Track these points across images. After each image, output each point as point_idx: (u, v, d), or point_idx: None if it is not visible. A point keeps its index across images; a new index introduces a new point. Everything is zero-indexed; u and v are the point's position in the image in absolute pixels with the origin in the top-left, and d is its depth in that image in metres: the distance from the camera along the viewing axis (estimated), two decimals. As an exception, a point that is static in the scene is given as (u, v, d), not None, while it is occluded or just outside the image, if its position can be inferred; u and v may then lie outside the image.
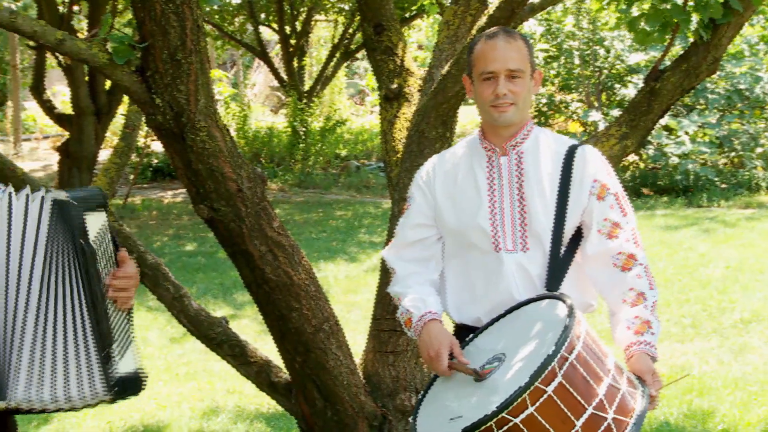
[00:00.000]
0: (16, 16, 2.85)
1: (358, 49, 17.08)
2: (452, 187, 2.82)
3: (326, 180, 15.09)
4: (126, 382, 2.44)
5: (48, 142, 19.46)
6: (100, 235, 2.43)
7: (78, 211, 2.38)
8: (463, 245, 2.81)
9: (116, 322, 2.45)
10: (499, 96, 2.69)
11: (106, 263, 2.44)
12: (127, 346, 2.47)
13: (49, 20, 10.00)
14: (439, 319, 2.76)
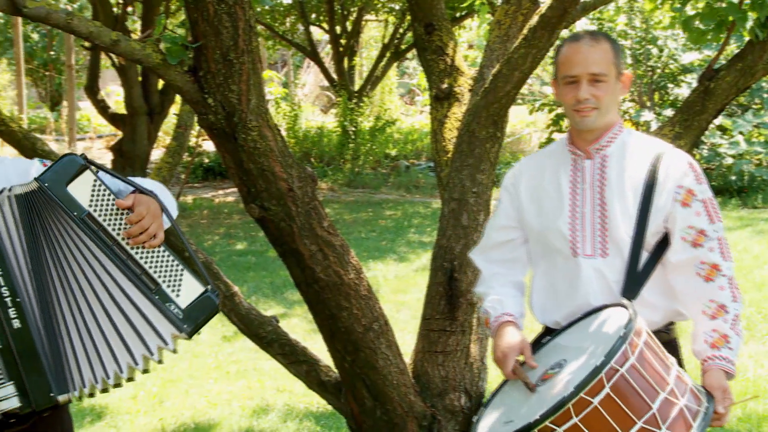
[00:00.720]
0: (72, 17, 2.88)
1: (408, 48, 17.07)
2: (537, 189, 2.82)
3: (376, 180, 15.11)
4: (194, 311, 2.45)
5: (102, 141, 19.70)
6: (93, 195, 2.43)
7: (58, 187, 2.39)
8: (546, 248, 2.82)
9: (153, 263, 2.45)
10: (581, 100, 2.66)
11: (114, 216, 2.43)
12: (179, 279, 2.47)
13: (104, 21, 10.12)
14: (514, 322, 2.77)
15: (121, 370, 2.41)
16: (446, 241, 3.62)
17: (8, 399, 2.30)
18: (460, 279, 3.55)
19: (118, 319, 2.41)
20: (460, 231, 3.60)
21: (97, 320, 2.40)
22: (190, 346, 6.58)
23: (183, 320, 2.43)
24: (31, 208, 2.38)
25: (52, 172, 2.41)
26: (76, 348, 2.38)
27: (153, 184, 2.63)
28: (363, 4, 16.80)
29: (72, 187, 2.40)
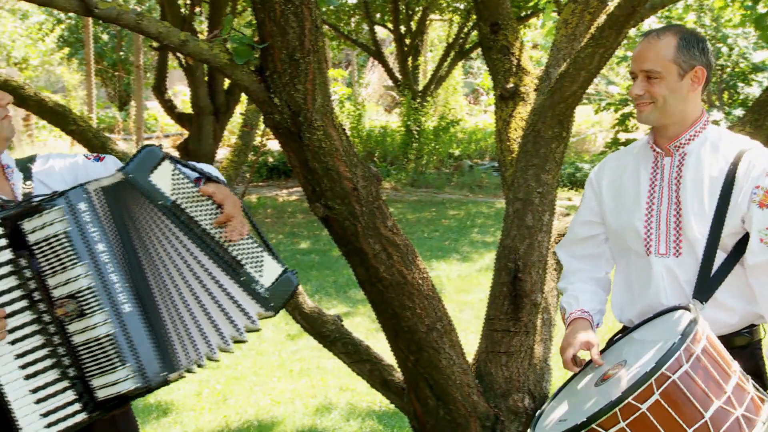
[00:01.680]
0: (142, 18, 2.93)
1: (473, 48, 17.02)
2: (617, 186, 2.82)
3: (439, 179, 15.08)
4: (277, 289, 2.59)
5: (168, 140, 19.95)
6: (174, 183, 2.53)
7: (142, 178, 2.49)
8: (622, 246, 2.81)
9: (236, 246, 2.56)
10: (634, 96, 2.68)
11: (195, 203, 2.54)
12: (261, 260, 2.59)
13: (172, 22, 10.25)
14: (586, 318, 2.78)
15: (212, 351, 2.52)
16: (510, 241, 3.61)
17: (125, 381, 2.37)
18: (524, 279, 3.53)
19: (206, 302, 2.52)
20: (525, 231, 3.58)
21: (188, 303, 2.50)
22: (254, 344, 6.64)
23: (269, 299, 2.56)
24: (118, 199, 2.46)
25: (134, 163, 2.50)
26: (178, 330, 2.48)
27: (213, 169, 2.74)
28: (428, 3, 16.77)
29: (154, 177, 2.50)
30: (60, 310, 2.37)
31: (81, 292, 2.36)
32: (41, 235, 2.37)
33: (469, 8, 15.68)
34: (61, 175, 2.60)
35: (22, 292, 2.38)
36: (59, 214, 2.37)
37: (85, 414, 2.40)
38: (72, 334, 2.38)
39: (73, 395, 2.39)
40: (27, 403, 2.38)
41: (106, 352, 2.37)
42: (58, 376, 2.39)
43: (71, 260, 2.37)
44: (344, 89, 21.46)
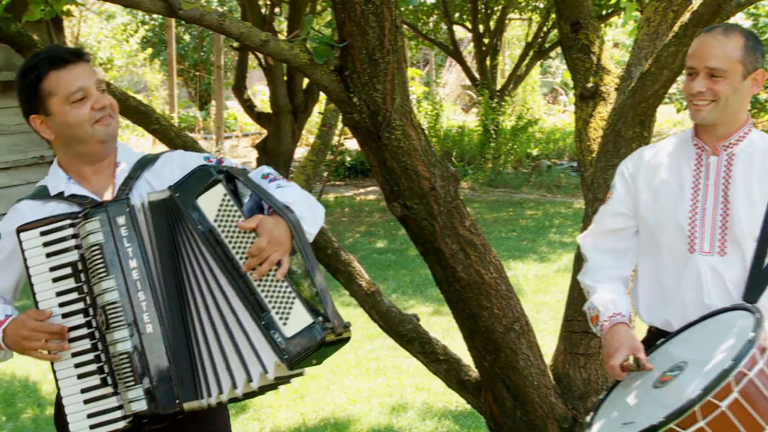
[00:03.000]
0: (224, 18, 2.97)
1: (552, 47, 16.87)
2: (655, 180, 2.75)
3: (517, 179, 14.99)
4: (296, 341, 2.35)
5: (247, 139, 20.18)
6: (221, 210, 2.44)
7: (187, 198, 2.43)
8: (656, 242, 2.74)
9: (266, 288, 2.39)
10: (694, 93, 2.61)
11: (237, 236, 2.42)
12: (290, 307, 2.37)
13: (253, 22, 10.36)
14: (626, 323, 2.71)
15: (235, 385, 2.41)
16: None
17: (138, 401, 2.37)
18: (603, 281, 3.49)
19: (225, 339, 2.42)
20: (604, 232, 3.53)
21: (216, 334, 2.43)
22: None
23: (285, 349, 2.35)
24: (162, 216, 2.45)
25: (184, 182, 2.46)
26: (203, 357, 2.43)
27: (298, 195, 2.57)
28: (507, 2, 16.68)
29: (201, 200, 2.43)
30: (98, 318, 2.42)
31: (109, 306, 2.39)
32: (88, 242, 2.41)
33: (548, 7, 15.54)
34: (172, 176, 2.57)
35: (79, 295, 2.43)
36: (96, 225, 2.40)
37: (125, 423, 2.41)
38: (108, 344, 2.41)
39: (117, 402, 2.42)
40: (77, 401, 2.42)
41: (123, 369, 2.39)
42: (100, 382, 2.43)
43: (102, 273, 2.39)
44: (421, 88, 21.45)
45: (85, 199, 2.54)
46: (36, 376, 6.13)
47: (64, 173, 2.59)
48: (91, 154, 2.58)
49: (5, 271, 2.57)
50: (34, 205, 2.55)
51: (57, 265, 2.42)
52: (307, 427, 5.29)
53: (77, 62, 2.51)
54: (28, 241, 2.42)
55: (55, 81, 2.50)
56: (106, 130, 2.54)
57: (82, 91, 2.50)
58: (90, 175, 2.59)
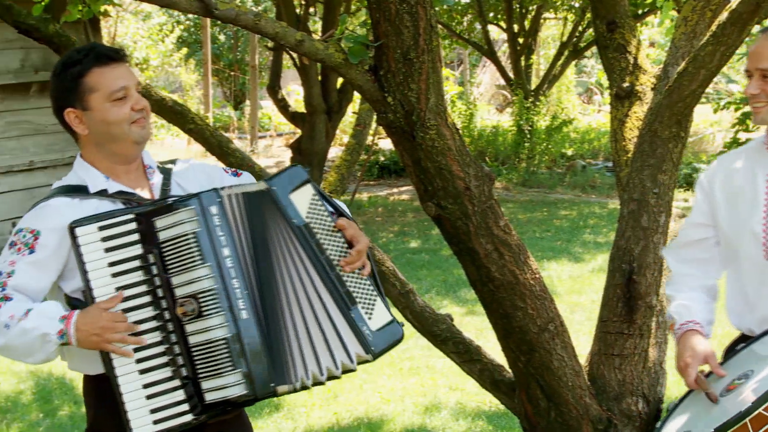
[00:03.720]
0: (259, 18, 2.99)
1: (587, 46, 16.78)
2: (731, 188, 2.72)
3: (551, 179, 14.92)
4: (382, 335, 2.56)
5: (281, 139, 20.24)
6: (311, 207, 2.56)
7: (282, 193, 2.52)
8: (735, 250, 2.71)
9: (355, 285, 2.56)
10: (748, 95, 2.58)
11: (326, 231, 2.56)
12: (373, 303, 2.57)
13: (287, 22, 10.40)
14: (699, 330, 2.67)
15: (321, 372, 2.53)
16: (625, 242, 3.55)
17: (234, 386, 2.39)
18: (639, 281, 3.47)
19: (313, 328, 2.51)
20: (640, 232, 3.52)
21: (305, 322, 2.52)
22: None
23: (372, 342, 2.53)
24: (256, 208, 2.51)
25: (279, 178, 2.55)
26: (292, 343, 2.49)
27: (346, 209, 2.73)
28: (542, 1, 16.62)
29: (294, 196, 2.53)
30: (180, 309, 2.41)
31: (202, 293, 2.40)
32: (171, 233, 2.42)
33: (584, 6, 15.46)
34: (197, 181, 2.65)
35: (147, 288, 2.44)
36: (190, 214, 2.42)
37: (192, 416, 2.42)
38: (189, 334, 2.42)
39: (183, 395, 2.43)
40: (138, 397, 2.42)
41: (218, 355, 2.40)
42: (171, 375, 2.43)
43: (197, 260, 2.41)
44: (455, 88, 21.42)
45: (132, 196, 2.56)
46: (72, 373, 6.19)
47: (98, 171, 2.59)
48: (122, 153, 2.60)
49: (46, 270, 2.50)
50: (71, 202, 2.53)
51: (118, 260, 2.43)
52: (340, 427, 5.30)
53: (120, 62, 2.55)
54: (84, 236, 2.41)
55: (98, 77, 2.52)
56: (140, 132, 2.56)
57: (124, 91, 2.53)
58: (122, 174, 2.61)
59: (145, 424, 2.41)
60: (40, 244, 2.48)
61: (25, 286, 2.48)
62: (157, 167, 2.69)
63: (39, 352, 2.44)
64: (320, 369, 2.51)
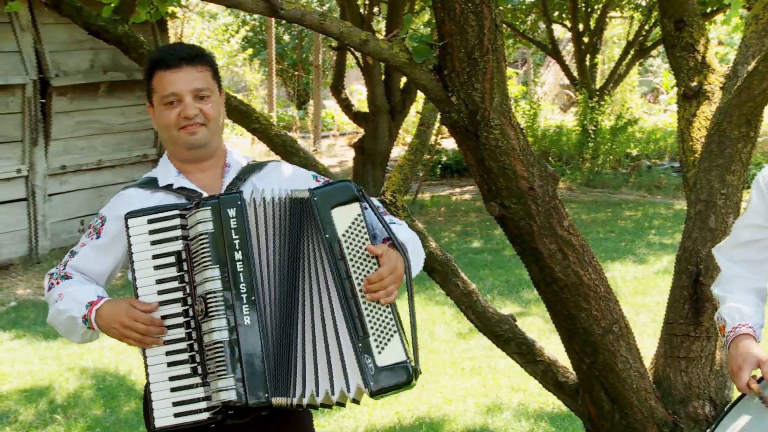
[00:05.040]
0: (324, 18, 3.00)
1: (653, 46, 16.59)
2: None
3: (615, 179, 14.77)
4: (385, 374, 2.41)
5: (344, 139, 20.33)
6: (351, 227, 2.48)
7: (323, 206, 2.46)
8: None
9: (373, 315, 2.45)
10: None
11: (359, 255, 2.47)
12: (389, 339, 2.44)
13: (351, 22, 10.45)
14: (752, 334, 2.62)
15: (308, 395, 2.43)
16: (692, 243, 3.50)
17: (227, 390, 2.40)
18: (706, 283, 3.42)
19: (320, 348, 2.45)
20: (707, 234, 3.47)
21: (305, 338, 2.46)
22: (426, 342, 6.69)
23: (373, 377, 2.40)
24: (294, 214, 2.49)
25: (325, 190, 2.51)
26: (297, 358, 2.45)
27: (407, 233, 2.66)
28: (608, 0, 16.46)
29: (336, 211, 2.47)
30: (196, 307, 2.46)
31: (210, 294, 2.42)
32: (195, 231, 2.46)
33: (650, 5, 15.28)
34: (279, 184, 2.65)
35: (179, 284, 2.48)
36: (208, 214, 2.44)
37: (207, 414, 2.44)
38: (203, 333, 2.45)
39: (201, 393, 2.45)
40: (164, 389, 2.46)
41: (218, 357, 2.41)
42: (190, 371, 2.46)
43: (207, 262, 2.43)
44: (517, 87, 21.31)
45: (194, 193, 2.62)
46: (138, 370, 6.28)
47: (174, 167, 2.69)
48: (177, 155, 2.67)
49: (106, 254, 2.65)
50: (142, 193, 2.65)
51: (160, 254, 2.49)
52: (402, 426, 5.31)
53: (182, 67, 2.59)
54: (135, 227, 2.49)
55: (157, 80, 2.62)
56: (189, 139, 2.61)
57: (174, 96, 2.59)
58: (196, 172, 2.68)
59: (166, 415, 2.45)
60: (104, 230, 2.64)
61: (84, 267, 2.65)
62: (243, 166, 2.72)
63: (73, 334, 2.59)
64: (317, 391, 2.43)
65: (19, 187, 9.79)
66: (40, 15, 9.70)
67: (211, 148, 2.67)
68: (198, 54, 2.64)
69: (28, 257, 9.88)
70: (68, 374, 6.27)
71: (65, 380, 6.16)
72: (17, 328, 7.52)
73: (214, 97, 2.65)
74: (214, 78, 2.67)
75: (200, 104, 2.60)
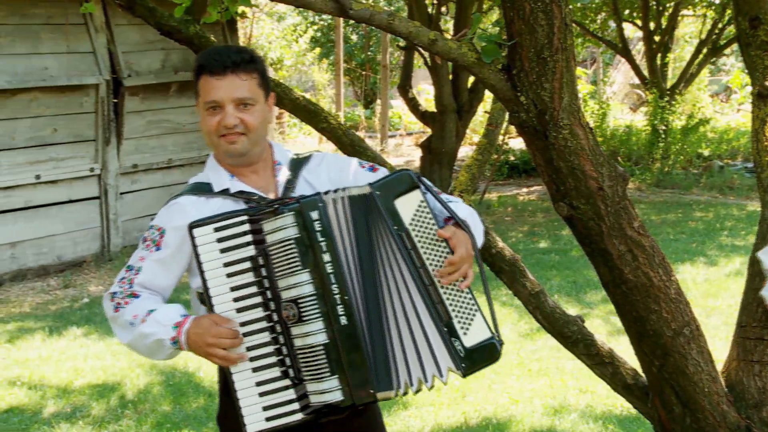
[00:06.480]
0: (393, 18, 3.01)
1: (727, 44, 16.31)
2: None
3: (686, 180, 14.56)
4: (475, 354, 2.49)
5: (411, 138, 20.35)
6: (416, 215, 2.51)
7: (387, 199, 2.48)
8: None
9: (451, 297, 2.50)
10: None
11: (428, 241, 2.50)
12: (471, 320, 2.51)
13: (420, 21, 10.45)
14: None
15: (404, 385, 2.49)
16: (766, 245, 3.43)
17: (331, 392, 2.43)
18: (780, 286, 3.35)
19: (406, 338, 2.49)
20: (782, 236, 3.40)
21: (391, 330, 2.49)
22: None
23: (463, 359, 2.47)
24: (363, 211, 2.50)
25: (384, 182, 2.52)
26: (395, 349, 2.48)
27: (465, 209, 2.69)
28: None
29: (399, 202, 2.49)
30: (284, 312, 2.45)
31: (301, 299, 2.43)
32: (275, 237, 2.45)
33: (724, 3, 15.02)
34: (328, 176, 2.68)
35: (257, 289, 2.48)
36: (291, 220, 2.44)
37: (302, 415, 2.47)
38: (293, 337, 2.46)
39: (293, 395, 2.47)
40: (251, 394, 2.48)
41: (317, 360, 2.43)
42: (280, 375, 2.48)
43: (296, 266, 2.44)
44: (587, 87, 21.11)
45: (253, 195, 2.61)
46: (201, 368, 6.37)
47: (225, 170, 2.66)
48: (221, 160, 2.67)
49: (171, 267, 2.61)
50: (196, 201, 2.61)
51: (232, 261, 2.47)
52: (468, 426, 5.30)
53: (226, 74, 2.56)
54: (201, 237, 2.47)
55: (203, 84, 2.61)
56: (228, 147, 2.60)
57: (215, 104, 2.58)
58: (249, 174, 2.67)
59: (257, 420, 2.47)
60: (165, 242, 2.59)
61: (151, 283, 2.60)
62: (289, 161, 2.72)
63: (158, 354, 2.58)
64: (410, 379, 2.48)
65: (92, 185, 9.98)
66: (114, 16, 9.88)
67: (253, 155, 2.65)
68: (244, 60, 2.59)
69: (101, 254, 10.07)
70: (138, 370, 6.38)
71: (136, 376, 6.26)
72: (89, 324, 7.67)
73: (258, 106, 2.61)
74: (260, 85, 2.63)
75: (242, 113, 2.57)
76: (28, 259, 9.46)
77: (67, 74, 9.55)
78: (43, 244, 9.58)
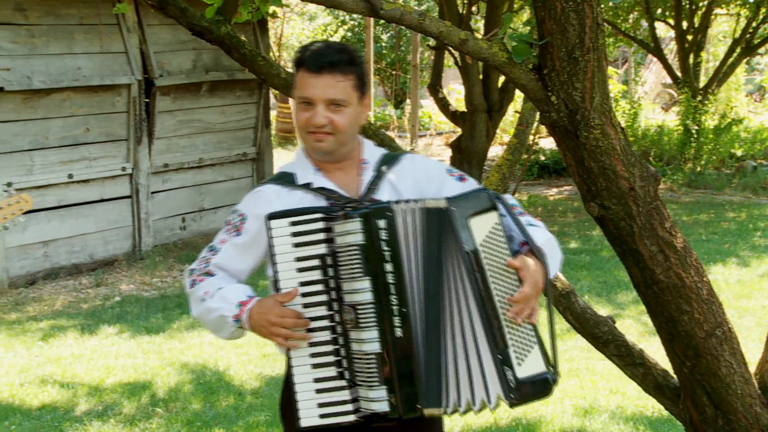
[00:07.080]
0: (423, 17, 3.01)
1: (761, 43, 16.16)
2: None
3: (719, 180, 14.44)
4: (525, 386, 2.46)
5: (441, 138, 20.32)
6: (490, 237, 2.49)
7: (461, 216, 2.46)
8: None
9: (513, 327, 2.47)
10: None
11: (497, 266, 2.48)
12: (528, 351, 2.49)
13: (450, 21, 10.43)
14: None
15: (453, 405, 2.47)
16: (799, 246, 3.41)
17: (379, 402, 2.44)
18: (814, 288, 3.32)
19: (460, 359, 2.47)
20: (816, 237, 3.36)
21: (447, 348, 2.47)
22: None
23: (513, 389, 2.44)
24: (432, 225, 2.48)
25: (463, 199, 2.51)
26: (448, 368, 2.47)
27: (544, 236, 2.68)
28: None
29: (473, 221, 2.47)
30: (344, 315, 2.47)
31: (360, 305, 2.44)
32: (344, 240, 2.46)
33: (758, 1, 14.89)
34: (414, 181, 2.66)
35: (323, 287, 2.49)
36: (358, 225, 2.44)
37: (354, 417, 2.48)
38: (351, 341, 2.47)
39: (348, 396, 2.48)
40: (309, 389, 2.49)
41: (369, 368, 2.44)
42: (336, 375, 2.49)
43: (359, 272, 2.44)
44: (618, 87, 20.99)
45: (333, 193, 2.62)
46: (237, 366, 6.40)
47: (311, 164, 2.69)
48: (311, 154, 2.68)
49: (248, 253, 2.66)
50: (280, 191, 2.65)
51: (303, 256, 2.50)
52: (498, 427, 5.28)
53: (322, 74, 2.56)
54: (277, 228, 2.51)
55: (299, 78, 2.62)
56: (314, 145, 2.62)
57: (308, 100, 2.59)
58: (335, 171, 2.68)
59: (312, 416, 2.49)
60: (245, 228, 2.65)
61: (227, 265, 2.66)
62: (378, 160, 2.72)
63: (222, 331, 2.62)
64: (459, 400, 2.46)
65: (123, 184, 10.05)
66: (146, 16, 9.94)
67: (340, 154, 2.66)
68: (343, 61, 2.59)
69: (132, 253, 10.14)
70: (169, 368, 6.41)
71: (166, 375, 6.30)
72: (121, 323, 7.73)
73: (350, 107, 2.62)
74: (355, 87, 2.62)
75: (332, 114, 2.58)
76: (60, 258, 9.54)
77: (100, 74, 9.62)
78: (75, 243, 9.66)
